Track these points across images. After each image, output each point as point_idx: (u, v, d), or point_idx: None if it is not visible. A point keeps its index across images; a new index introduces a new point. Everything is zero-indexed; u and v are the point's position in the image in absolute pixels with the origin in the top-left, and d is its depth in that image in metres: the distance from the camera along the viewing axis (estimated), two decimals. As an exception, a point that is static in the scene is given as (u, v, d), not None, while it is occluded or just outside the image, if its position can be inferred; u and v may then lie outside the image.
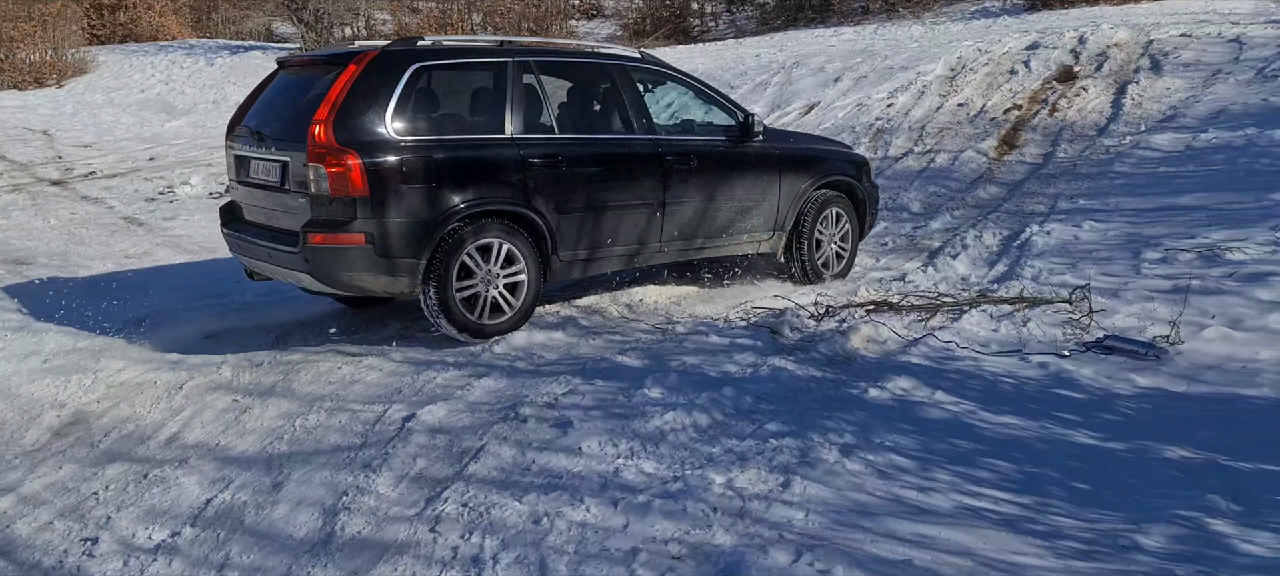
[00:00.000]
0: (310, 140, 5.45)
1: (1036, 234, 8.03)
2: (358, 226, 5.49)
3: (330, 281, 5.73)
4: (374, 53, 5.72)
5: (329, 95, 5.51)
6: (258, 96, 6.43)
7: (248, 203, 6.25)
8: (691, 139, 6.86)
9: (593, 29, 34.16)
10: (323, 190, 5.48)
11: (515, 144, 5.96)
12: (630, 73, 6.70)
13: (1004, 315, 6.28)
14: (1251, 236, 7.34)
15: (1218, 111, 10.53)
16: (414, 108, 5.73)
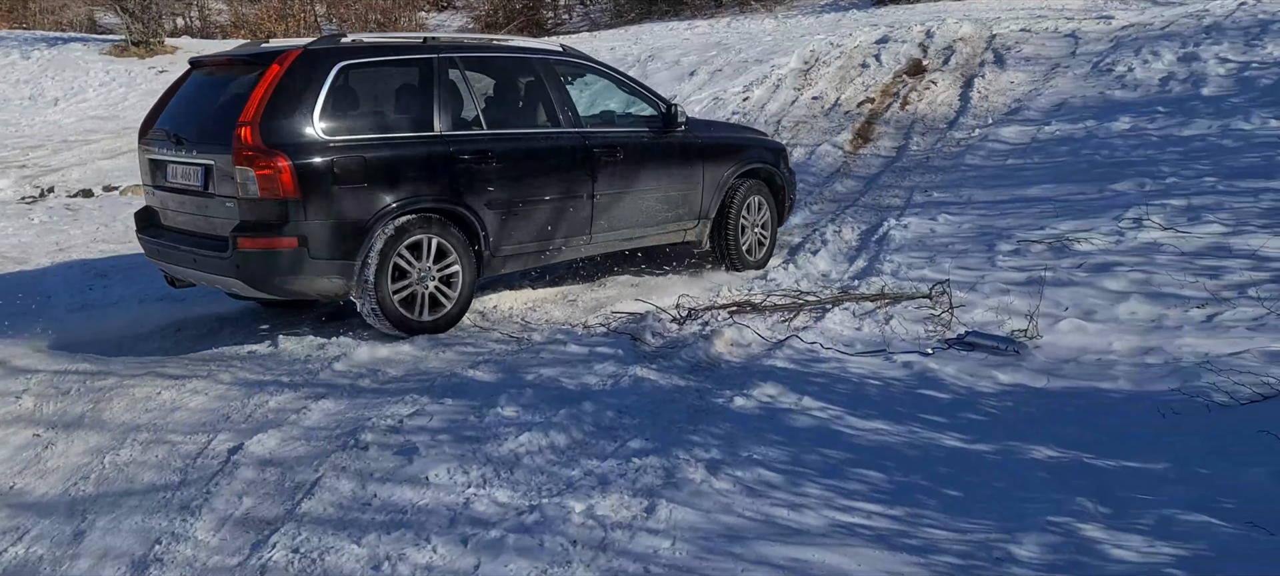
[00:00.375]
0: (237, 142, 5.32)
1: (894, 228, 8.03)
2: (289, 229, 5.38)
3: (262, 286, 5.57)
4: (297, 52, 5.59)
5: (254, 96, 5.38)
6: (170, 97, 6.24)
7: (166, 208, 6.08)
8: (617, 131, 6.92)
9: (443, 21, 33.30)
10: (251, 193, 5.35)
11: (444, 141, 5.91)
12: (553, 66, 6.71)
13: (867, 313, 6.19)
14: (1097, 227, 7.50)
15: (1059, 104, 10.86)
16: (341, 107, 5.64)
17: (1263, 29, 11.68)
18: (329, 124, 5.53)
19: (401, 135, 5.83)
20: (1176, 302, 6.08)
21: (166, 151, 5.92)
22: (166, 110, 6.16)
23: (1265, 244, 6.76)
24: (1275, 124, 9.14)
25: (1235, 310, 5.84)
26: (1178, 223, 7.37)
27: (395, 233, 5.68)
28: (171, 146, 5.87)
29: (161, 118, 6.16)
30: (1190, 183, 8.17)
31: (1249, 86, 10.19)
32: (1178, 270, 6.56)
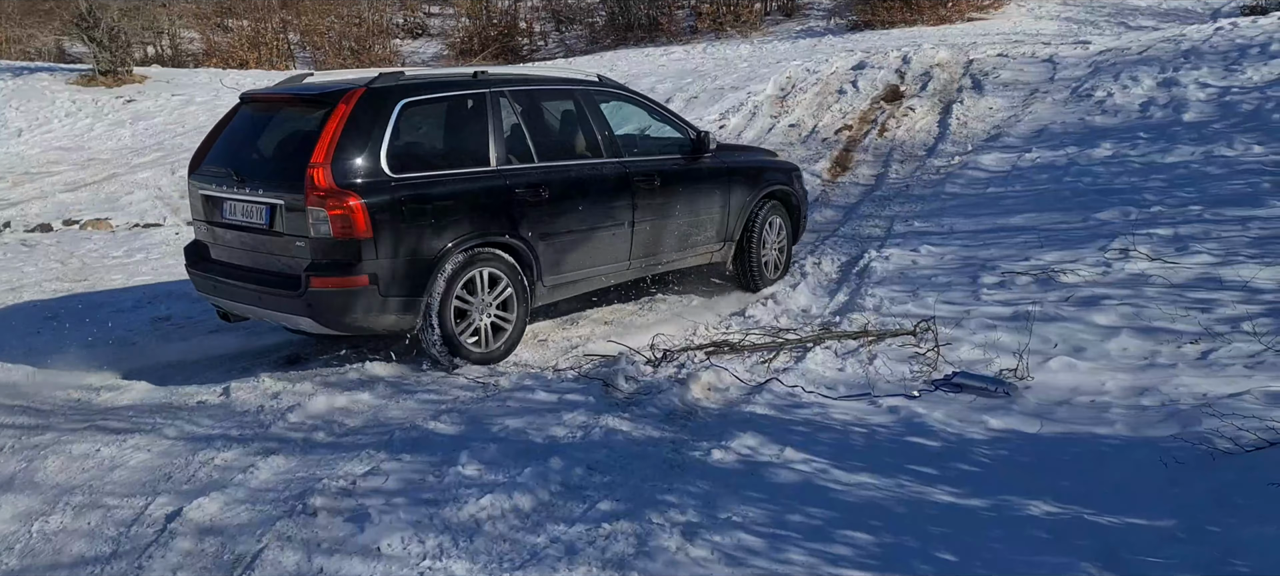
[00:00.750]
0: (310, 183, 5.34)
1: (875, 260, 7.80)
2: (361, 268, 5.43)
3: (334, 324, 5.60)
4: (361, 90, 5.60)
5: (324, 136, 5.40)
6: (220, 132, 6.24)
7: (222, 243, 6.05)
8: (654, 159, 7.02)
9: (417, 49, 33.05)
10: (324, 233, 5.38)
11: (501, 175, 6.02)
12: (593, 96, 6.87)
13: (849, 352, 5.93)
14: (1082, 258, 7.30)
15: (1039, 131, 10.70)
16: (405, 144, 5.70)
17: (1240, 53, 11.59)
18: (395, 162, 5.58)
19: (461, 171, 5.90)
20: (1169, 338, 5.86)
21: (224, 188, 5.88)
22: (218, 146, 6.16)
23: (1256, 275, 6.56)
24: (1258, 150, 8.99)
25: (1230, 346, 5.63)
26: (1165, 253, 7.17)
27: (459, 267, 5.76)
28: (229, 183, 5.83)
29: (213, 153, 6.14)
30: (1176, 211, 7.99)
31: (1230, 111, 10.06)
32: (1168, 303, 6.35)
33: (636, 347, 6.06)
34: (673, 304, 7.33)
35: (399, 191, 5.53)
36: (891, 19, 23.02)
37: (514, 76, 6.64)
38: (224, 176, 5.89)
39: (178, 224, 11.47)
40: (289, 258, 5.58)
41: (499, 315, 6.00)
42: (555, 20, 31.83)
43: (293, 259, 5.55)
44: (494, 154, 6.02)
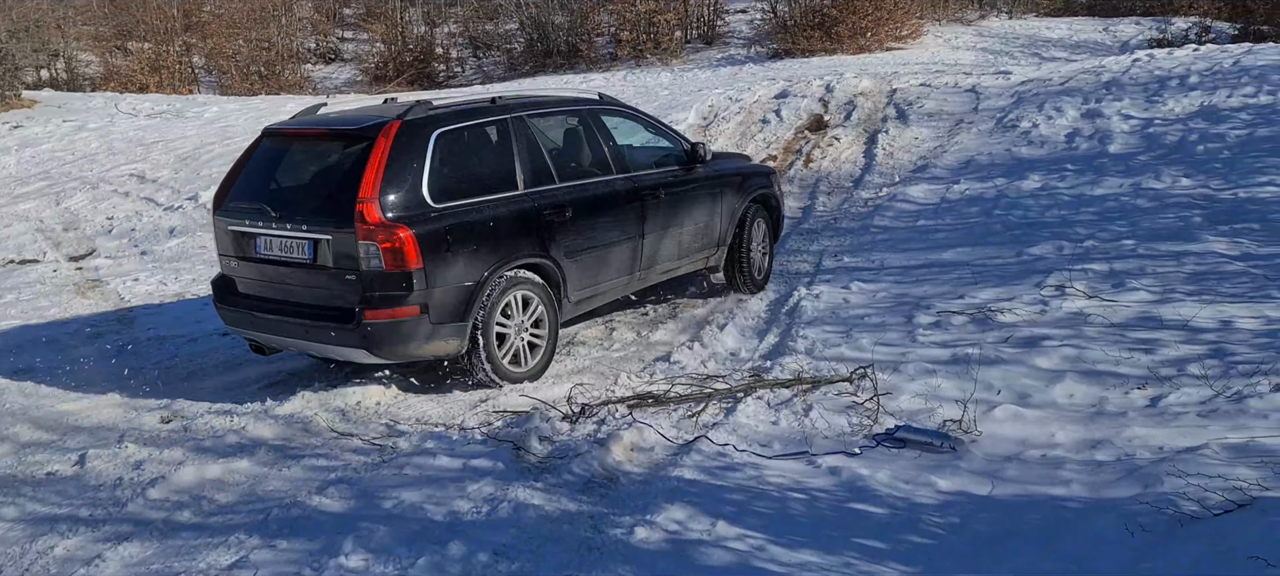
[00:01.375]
0: (360, 219, 5.40)
1: (805, 298, 7.41)
2: (413, 298, 5.52)
3: (387, 354, 5.65)
4: (397, 123, 5.66)
5: (369, 171, 5.46)
6: (244, 168, 6.20)
7: (258, 278, 6.02)
8: (656, 171, 7.22)
9: (330, 74, 32.11)
10: (375, 267, 5.46)
11: (529, 197, 6.16)
12: (598, 113, 7.07)
13: (783, 403, 5.49)
14: (1018, 295, 7.01)
15: (966, 161, 10.50)
16: (443, 174, 5.78)
17: (1161, 85, 11.59)
18: (436, 192, 5.68)
19: (495, 196, 6.00)
20: (1115, 382, 5.55)
21: (259, 224, 5.84)
22: (245, 182, 6.13)
23: (1196, 314, 6.32)
24: (1186, 183, 8.87)
25: (1180, 392, 5.33)
26: (1102, 290, 6.92)
27: (499, 290, 5.89)
28: (263, 219, 5.81)
29: (240, 190, 6.11)
30: (1109, 246, 7.77)
31: (1155, 143, 9.98)
32: (1110, 344, 6.06)
33: (552, 400, 5.54)
34: (594, 349, 6.82)
35: (442, 221, 5.63)
36: (811, 48, 23.01)
37: (527, 99, 6.76)
38: (257, 212, 5.87)
39: (58, 260, 10.59)
40: (338, 291, 5.62)
41: (532, 334, 6.15)
42: (473, 46, 31.25)
43: (342, 292, 5.60)
44: (521, 177, 6.16)
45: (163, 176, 14.35)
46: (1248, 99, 10.61)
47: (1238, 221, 7.88)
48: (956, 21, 26.68)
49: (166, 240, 11.29)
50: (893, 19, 23.78)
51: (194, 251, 10.70)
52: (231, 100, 22.90)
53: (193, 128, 18.45)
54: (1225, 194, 8.49)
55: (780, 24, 25.11)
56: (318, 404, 5.62)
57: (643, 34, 25.61)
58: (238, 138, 16.31)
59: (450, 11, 34.18)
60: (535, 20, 28.15)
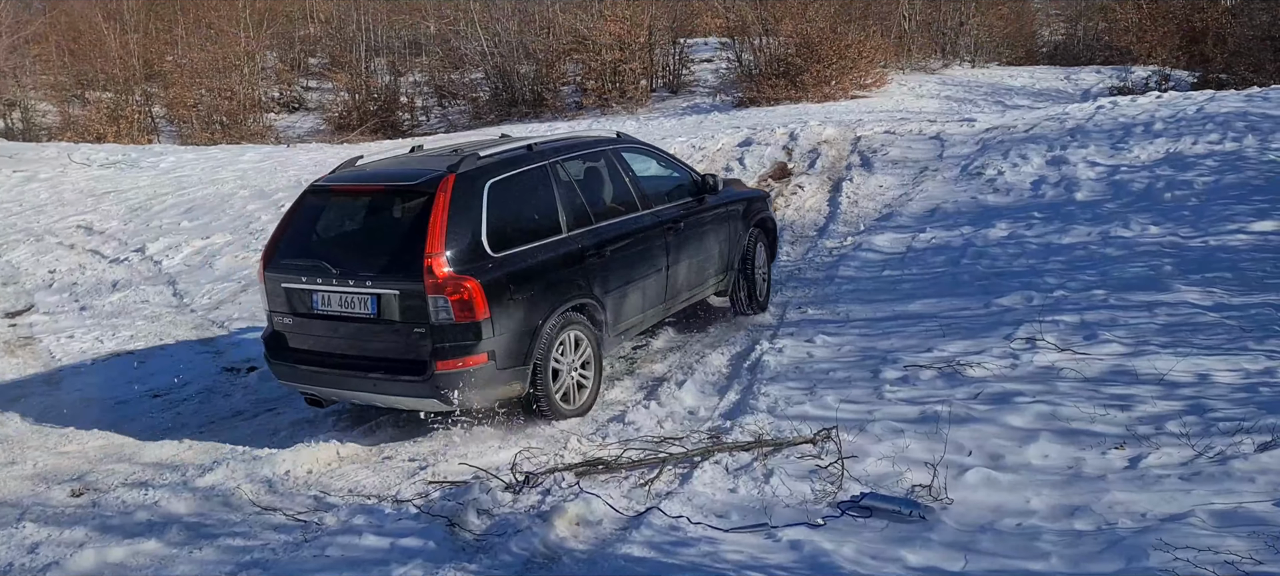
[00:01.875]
0: (429, 274, 5.53)
1: (768, 353, 7.10)
2: (481, 347, 5.64)
3: (457, 402, 5.73)
4: (451, 176, 5.78)
5: (433, 226, 5.58)
6: (291, 224, 6.24)
7: (316, 333, 6.04)
8: (676, 204, 7.47)
9: (293, 123, 31.75)
10: (444, 319, 5.58)
11: (572, 239, 6.36)
12: (620, 152, 7.32)
13: (742, 467, 5.16)
14: (988, 348, 6.74)
15: (932, 210, 10.29)
16: (497, 223, 5.92)
17: (1125, 132, 11.49)
18: (494, 241, 5.84)
19: (544, 241, 6.19)
20: (1091, 442, 5.27)
21: (315, 280, 5.87)
22: (295, 238, 6.17)
23: (1172, 367, 6.07)
24: (1155, 231, 8.69)
25: (1160, 452, 5.05)
26: (1073, 343, 6.66)
27: (555, 331, 6.05)
28: (322, 275, 5.85)
29: (289, 246, 6.14)
30: (1079, 296, 7.54)
31: (1122, 190, 9.82)
32: (1084, 400, 5.79)
33: (496, 468, 5.17)
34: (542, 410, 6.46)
35: (503, 269, 5.79)
36: (776, 96, 22.96)
37: (557, 143, 6.91)
38: (313, 269, 5.90)
39: (-12, 317, 10.11)
40: (406, 344, 5.69)
41: (581, 373, 6.32)
42: (438, 95, 31.04)
43: (410, 345, 5.67)
44: (563, 220, 6.36)
45: (111, 227, 13.91)
46: (1213, 145, 10.51)
47: (1209, 270, 7.69)
48: (920, 70, 26.83)
49: (108, 294, 10.84)
50: (857, 68, 23.81)
51: (134, 306, 10.27)
52: (189, 150, 22.48)
53: (147, 177, 18.02)
54: (1195, 242, 8.31)
55: (745, 73, 25.10)
56: (243, 473, 5.22)
57: (608, 83, 25.51)
58: (193, 188, 15.91)
59: (415, 61, 34.01)
60: (500, 69, 28.02)
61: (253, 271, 11.03)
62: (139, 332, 9.27)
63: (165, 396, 7.30)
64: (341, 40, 35.16)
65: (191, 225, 13.36)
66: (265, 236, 12.49)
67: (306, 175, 15.83)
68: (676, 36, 27.84)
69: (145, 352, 8.56)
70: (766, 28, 25.00)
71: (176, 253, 12.17)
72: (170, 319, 9.71)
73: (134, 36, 31.56)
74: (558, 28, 27.86)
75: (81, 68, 31.74)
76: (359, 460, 5.54)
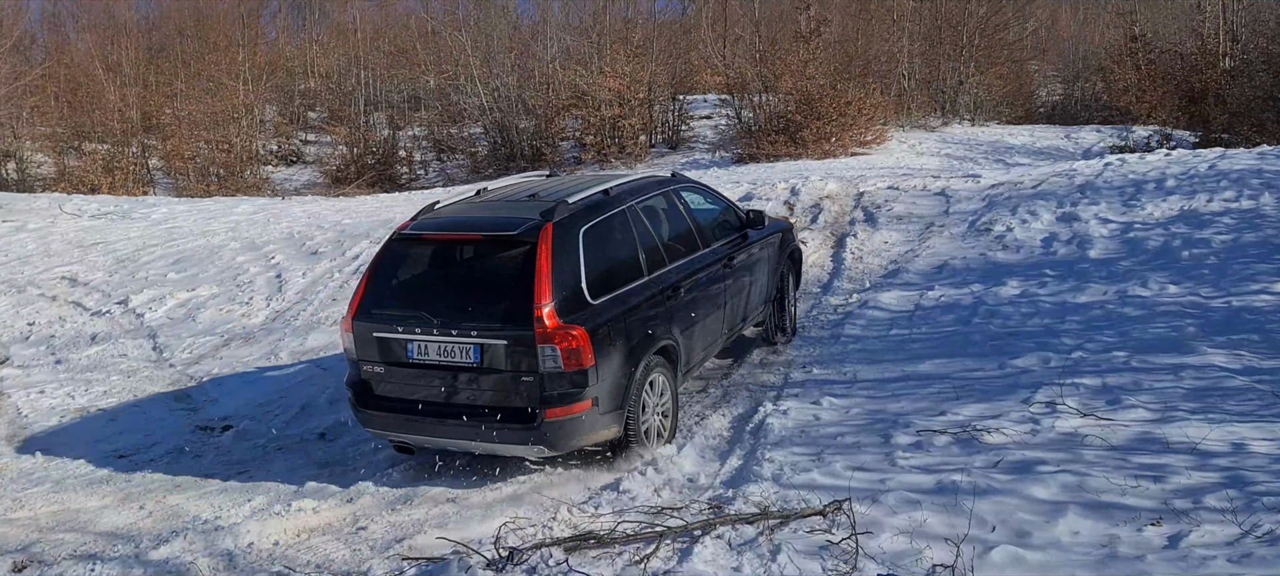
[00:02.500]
0: (538, 323, 5.58)
1: (772, 415, 6.70)
2: (587, 394, 5.71)
3: (561, 447, 5.82)
4: (549, 225, 5.84)
5: (539, 275, 5.65)
6: (377, 274, 6.17)
7: (411, 382, 5.99)
8: (727, 241, 7.61)
9: (291, 175, 31.59)
10: (554, 368, 5.63)
11: (654, 282, 6.47)
12: (680, 192, 7.48)
13: (746, 542, 4.75)
14: (1005, 412, 6.35)
15: (939, 266, 9.94)
16: (594, 270, 6.01)
17: (1136, 189, 11.19)
18: (592, 288, 5.91)
19: (631, 285, 6.26)
20: (1125, 517, 4.87)
21: (413, 330, 5.86)
22: (383, 287, 6.13)
23: (1206, 435, 5.68)
24: (1174, 290, 8.33)
25: (1200, 529, 4.65)
26: (1096, 407, 6.28)
27: (644, 374, 6.10)
28: (420, 325, 5.84)
29: (379, 296, 6.08)
30: (1099, 358, 7.16)
31: (1137, 248, 9.48)
32: (1113, 470, 5.39)
33: (479, 540, 4.75)
34: (535, 473, 6.06)
35: (602, 316, 5.85)
36: (776, 152, 22.79)
37: (626, 185, 6.97)
38: (406, 319, 5.89)
39: (-42, 370, 9.70)
40: (511, 391, 5.72)
41: (660, 417, 6.36)
42: (437, 149, 30.90)
43: (516, 392, 5.71)
44: (643, 263, 6.46)
45: (96, 279, 13.53)
46: (1229, 203, 10.20)
47: (1235, 332, 7.32)
48: (920, 127, 26.72)
49: (86, 348, 10.43)
50: (857, 124, 23.67)
51: (111, 360, 9.86)
52: (182, 201, 22.21)
53: (138, 228, 17.72)
54: (1218, 302, 7.94)
55: (745, 130, 24.97)
56: (202, 546, 4.80)
57: (607, 138, 25.37)
58: (184, 239, 15.58)
59: (414, 115, 33.95)
60: (499, 124, 27.90)
61: (235, 325, 10.67)
62: (113, 388, 8.86)
63: (131, 457, 6.88)
64: (341, 94, 35.20)
65: (178, 277, 12.99)
66: (253, 289, 12.20)
67: (299, 227, 15.53)
68: (676, 93, 27.78)
69: (116, 409, 8.15)
70: (766, 84, 24.93)
71: (160, 305, 11.78)
72: (147, 374, 9.30)
73: (133, 89, 31.46)
74: (557, 83, 27.80)
75: (79, 119, 31.61)
76: (332, 529, 5.12)
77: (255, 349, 9.78)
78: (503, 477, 5.93)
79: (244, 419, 7.67)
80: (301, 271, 12.33)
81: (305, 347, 9.58)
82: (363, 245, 13.04)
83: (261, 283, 12.13)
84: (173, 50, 33.90)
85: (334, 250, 13.13)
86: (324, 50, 38.60)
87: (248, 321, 10.79)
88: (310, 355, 9.35)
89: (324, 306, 10.95)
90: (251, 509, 5.51)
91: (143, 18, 37.98)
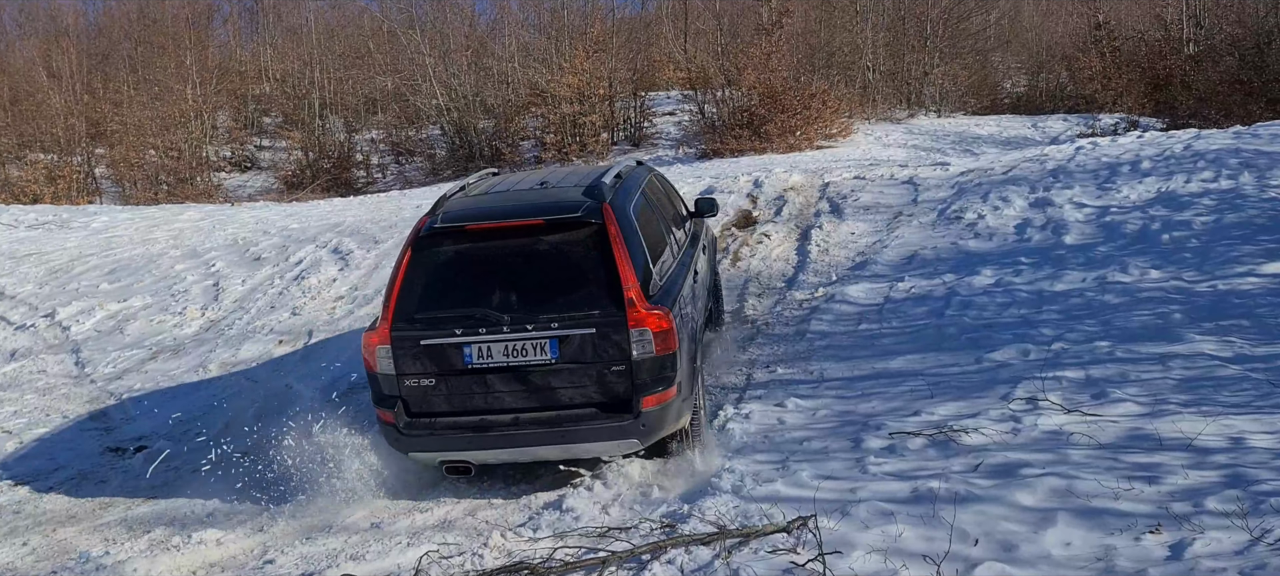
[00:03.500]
0: (629, 306, 5.24)
1: (732, 419, 6.18)
2: (675, 379, 5.36)
3: (652, 439, 5.43)
4: (606, 204, 5.53)
5: (618, 257, 5.31)
6: (412, 276, 5.45)
7: (471, 390, 5.36)
8: (692, 225, 7.58)
9: (245, 182, 30.73)
10: (645, 354, 5.27)
11: (681, 264, 6.36)
12: (661, 177, 7.48)
13: (700, 567, 4.21)
14: (983, 410, 5.87)
15: (909, 257, 9.46)
16: (648, 249, 5.74)
17: (1111, 172, 10.78)
18: (654, 268, 5.68)
19: (671, 268, 6.04)
20: (1120, 525, 4.39)
21: (474, 332, 5.26)
22: (417, 289, 5.43)
23: (1201, 430, 5.21)
24: (1156, 275, 7.89)
25: (1205, 537, 4.18)
26: (1081, 402, 5.81)
27: (700, 357, 5.95)
28: (481, 325, 5.26)
29: (417, 299, 5.41)
30: (1081, 348, 6.69)
31: (1115, 232, 9.04)
32: (1103, 471, 4.92)
33: (396, 572, 4.17)
34: (467, 492, 5.48)
35: (669, 296, 5.57)
36: (740, 148, 22.32)
37: (636, 165, 6.89)
38: (463, 320, 5.28)
39: None
40: (595, 385, 5.31)
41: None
42: (394, 152, 30.18)
43: (603, 385, 5.31)
44: (670, 245, 6.31)
45: (24, 292, 12.78)
46: (1208, 184, 9.79)
47: (1223, 318, 6.88)
48: (886, 120, 26.38)
49: (3, 365, 9.73)
50: (822, 118, 23.25)
51: (27, 378, 9.17)
52: (125, 210, 21.38)
53: (75, 238, 16.94)
54: (1203, 287, 7.51)
55: (708, 125, 24.49)
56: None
57: (568, 136, 24.80)
58: (122, 248, 14.84)
59: (371, 118, 33.18)
60: (457, 124, 27.25)
61: (165, 337, 10.00)
62: (25, 408, 8.19)
63: (30, 484, 6.24)
64: (295, 98, 34.31)
65: (110, 287, 12.28)
66: (188, 298, 11.50)
67: (245, 233, 14.82)
68: (637, 89, 27.24)
69: (23, 431, 7.48)
70: (729, 79, 24.47)
71: (88, 317, 11.08)
72: (65, 391, 8.63)
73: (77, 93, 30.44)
74: (516, 82, 27.19)
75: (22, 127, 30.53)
76: (234, 564, 4.53)
77: (183, 361, 9.13)
78: (434, 498, 5.35)
79: (160, 438, 7.04)
80: (241, 279, 11.67)
81: (237, 358, 8.95)
82: (308, 250, 12.40)
83: (197, 292, 11.46)
84: (119, 55, 32.87)
85: (277, 256, 12.47)
86: (278, 54, 37.63)
87: (179, 332, 10.14)
88: (242, 366, 8.72)
89: (261, 314, 10.31)
90: (148, 542, 4.90)
91: (87, 23, 36.93)
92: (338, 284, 10.92)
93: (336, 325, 9.63)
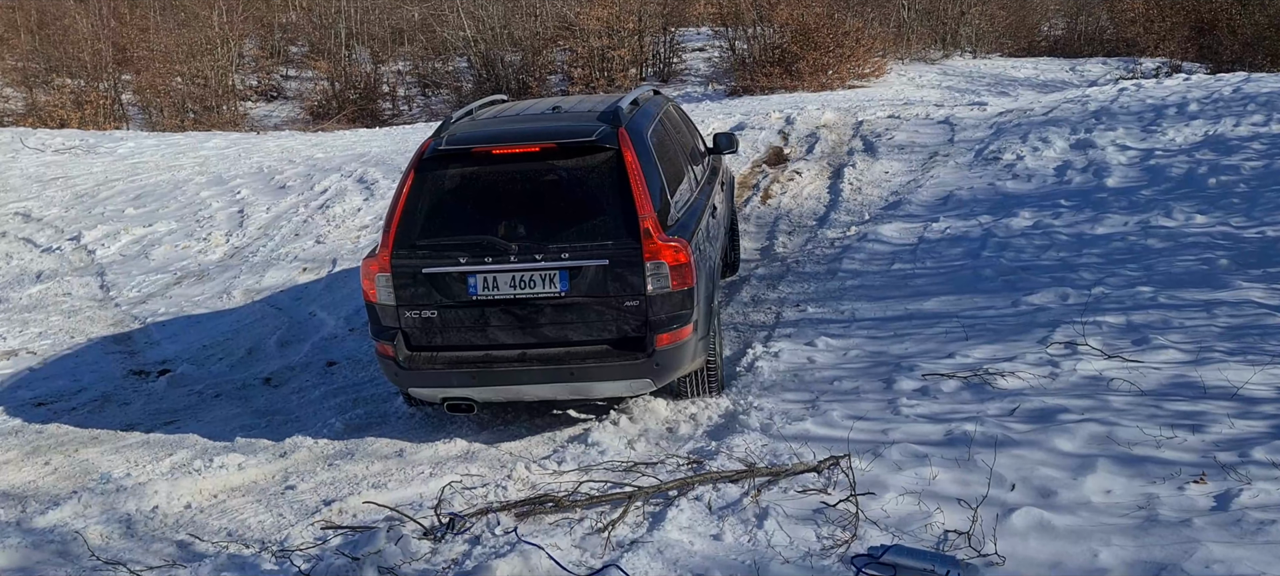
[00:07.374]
0: (645, 237, 4.95)
1: (762, 357, 6.04)
2: (691, 316, 5.11)
3: (666, 379, 5.19)
4: (622, 128, 5.21)
5: (634, 184, 5.01)
6: (415, 202, 5.15)
7: (476, 323, 5.10)
8: (709, 159, 7.26)
9: (271, 111, 30.59)
10: (660, 288, 4.99)
11: (700, 197, 6.06)
12: (678, 105, 7.21)
13: (729, 504, 4.10)
14: (1020, 354, 5.70)
15: (944, 197, 9.22)
16: (665, 177, 5.46)
17: (1156, 114, 10.44)
18: (676, 199, 5.44)
19: (688, 199, 5.72)
20: (1162, 473, 4.23)
21: (479, 260, 4.98)
22: (419, 215, 5.12)
23: (1247, 379, 5.02)
24: (1202, 220, 7.64)
25: (1253, 488, 4.02)
26: (1122, 348, 5.62)
27: (717, 295, 5.72)
28: (487, 253, 4.98)
29: (419, 225, 5.10)
30: (1123, 294, 6.49)
31: (1159, 176, 8.76)
32: (1145, 418, 4.75)
33: (418, 502, 4.10)
34: (491, 424, 5.39)
35: (686, 228, 5.30)
36: (771, 85, 21.92)
37: (651, 92, 6.58)
38: (468, 247, 5.00)
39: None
40: (608, 320, 5.04)
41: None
42: (421, 84, 29.92)
43: (616, 320, 5.03)
44: (689, 176, 6.02)
45: (51, 215, 12.79)
46: (1258, 128, 9.46)
47: (1271, 264, 6.64)
48: (920, 60, 25.81)
49: (30, 286, 9.73)
50: (855, 56, 22.77)
51: (53, 300, 9.16)
52: (151, 136, 21.38)
53: (102, 164, 16.94)
54: (1251, 232, 7.25)
55: (739, 61, 24.06)
56: (99, 509, 4.14)
57: (596, 71, 24.45)
58: (147, 173, 14.81)
59: (399, 49, 32.88)
60: (485, 57, 26.95)
61: (190, 263, 9.96)
62: (50, 329, 8.18)
63: (51, 405, 6.21)
64: (322, 27, 34.01)
65: (136, 212, 12.25)
66: (213, 224, 11.46)
67: (271, 161, 14.75)
68: (667, 24, 26.77)
69: (48, 352, 7.47)
70: (761, 15, 23.96)
71: (114, 241, 11.06)
72: (90, 314, 8.61)
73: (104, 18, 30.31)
74: (544, 14, 26.78)
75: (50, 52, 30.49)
76: (256, 489, 4.46)
77: (208, 287, 9.08)
78: (457, 429, 5.26)
79: (183, 362, 6.99)
80: (266, 206, 11.60)
81: (261, 286, 8.89)
82: (333, 179, 12.30)
83: (222, 218, 11.40)
84: (146, -20, 32.66)
85: (302, 184, 12.38)
86: (305, -19, 37.23)
87: (204, 258, 10.09)
88: (265, 293, 8.66)
89: (285, 242, 10.24)
90: (170, 465, 4.85)
91: (116, -53, 36.63)
92: (362, 213, 10.82)
93: (360, 254, 9.55)
